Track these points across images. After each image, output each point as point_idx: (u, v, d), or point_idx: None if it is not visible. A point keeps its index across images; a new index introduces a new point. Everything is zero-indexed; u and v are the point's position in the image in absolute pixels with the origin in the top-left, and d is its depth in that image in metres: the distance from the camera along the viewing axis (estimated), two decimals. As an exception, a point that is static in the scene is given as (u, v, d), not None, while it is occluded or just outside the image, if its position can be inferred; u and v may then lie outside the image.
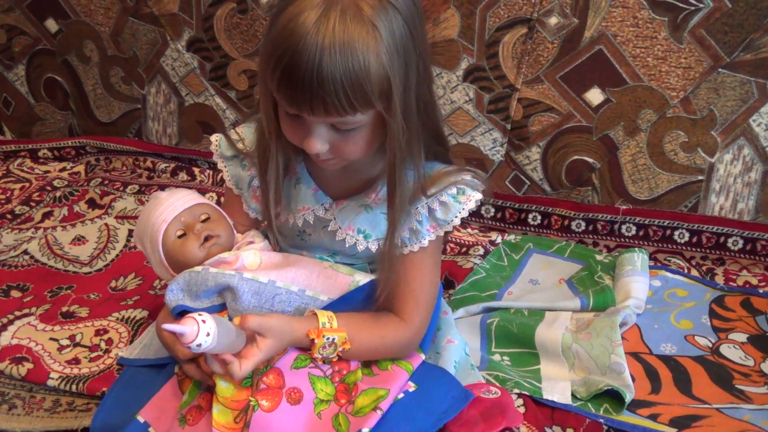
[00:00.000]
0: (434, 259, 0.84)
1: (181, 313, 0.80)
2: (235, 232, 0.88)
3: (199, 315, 0.65)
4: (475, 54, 1.23)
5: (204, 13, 1.38)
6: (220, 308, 0.81)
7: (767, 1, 1.07)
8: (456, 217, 0.80)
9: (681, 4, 1.11)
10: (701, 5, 1.10)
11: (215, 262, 0.83)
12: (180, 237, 0.85)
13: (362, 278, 0.84)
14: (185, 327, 0.64)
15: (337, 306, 0.82)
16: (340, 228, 0.84)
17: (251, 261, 0.84)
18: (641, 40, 1.14)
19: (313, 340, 0.75)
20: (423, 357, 0.85)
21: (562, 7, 1.17)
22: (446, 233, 0.83)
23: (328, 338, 0.76)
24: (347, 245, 0.84)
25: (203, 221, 0.86)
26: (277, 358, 0.77)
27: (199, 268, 0.82)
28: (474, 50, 1.23)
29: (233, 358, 0.71)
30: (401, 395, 0.79)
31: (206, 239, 0.84)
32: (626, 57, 1.16)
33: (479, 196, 0.80)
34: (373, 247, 0.84)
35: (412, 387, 0.81)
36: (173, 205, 0.86)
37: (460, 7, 1.22)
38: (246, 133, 0.87)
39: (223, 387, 0.74)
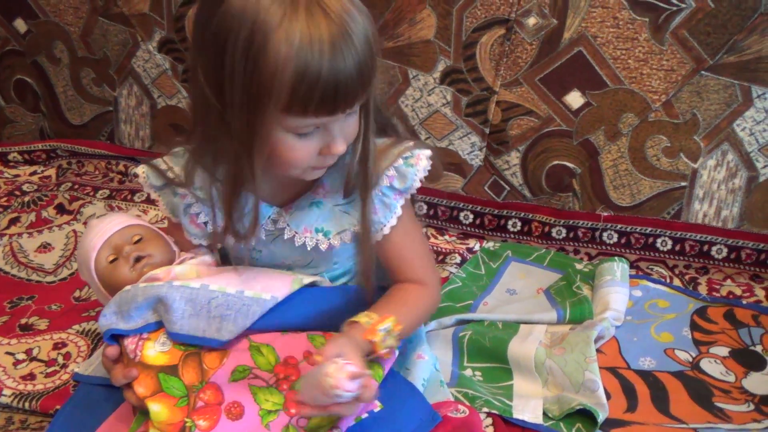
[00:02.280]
0: (413, 222, 0.85)
1: (113, 337, 0.77)
2: (176, 248, 0.85)
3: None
4: (452, 55, 1.20)
5: (175, 13, 1.35)
6: (156, 326, 0.78)
7: (751, 1, 1.03)
8: (415, 179, 0.80)
9: (662, 4, 1.07)
10: (683, 5, 1.06)
11: (147, 279, 0.80)
12: (112, 262, 0.82)
13: (306, 277, 0.81)
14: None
15: (290, 305, 0.78)
16: (296, 233, 0.81)
17: (185, 272, 0.81)
18: (622, 42, 1.11)
19: (371, 340, 0.73)
20: (396, 353, 0.80)
21: (540, 7, 1.13)
22: (413, 198, 0.85)
23: (382, 329, 0.73)
24: (309, 248, 0.81)
25: (135, 242, 0.83)
26: (212, 372, 0.74)
27: (128, 287, 0.78)
28: (451, 52, 1.19)
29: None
30: (365, 415, 0.76)
31: (137, 260, 0.82)
32: (606, 59, 1.12)
33: (428, 152, 0.81)
34: (336, 243, 0.82)
35: (377, 407, 0.78)
36: (102, 230, 0.84)
37: (436, 7, 1.18)
38: (173, 162, 0.84)
39: (155, 411, 0.71)
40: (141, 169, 0.86)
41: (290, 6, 0.65)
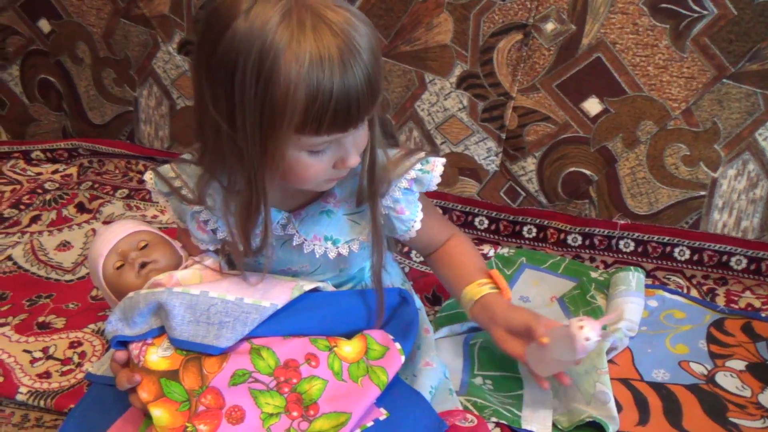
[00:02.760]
0: (424, 197, 0.87)
1: (120, 343, 0.78)
2: (182, 253, 0.86)
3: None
4: (468, 60, 1.19)
5: (195, 15, 1.35)
6: (159, 332, 0.78)
7: (775, 8, 1.01)
8: (431, 183, 0.84)
9: (684, 11, 1.05)
10: (705, 12, 1.05)
11: (150, 284, 0.81)
12: (118, 268, 0.84)
13: (306, 284, 0.81)
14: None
15: (291, 312, 0.79)
16: (306, 240, 0.82)
17: (187, 277, 0.82)
18: (641, 48, 1.09)
19: (509, 292, 0.86)
20: (403, 359, 0.81)
21: (558, 12, 1.12)
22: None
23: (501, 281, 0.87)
24: (317, 255, 0.82)
25: (142, 248, 0.84)
26: (212, 377, 0.74)
27: (132, 294, 0.79)
28: (468, 56, 1.19)
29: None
30: (370, 423, 0.76)
31: (142, 266, 0.83)
32: (626, 65, 1.10)
33: (443, 160, 0.84)
34: (344, 251, 0.83)
35: (383, 414, 0.78)
36: (109, 237, 0.85)
37: (453, 12, 1.17)
38: (181, 170, 0.85)
39: (157, 416, 0.72)
40: (148, 175, 0.87)
41: (297, 26, 0.64)
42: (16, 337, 1.02)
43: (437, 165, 0.83)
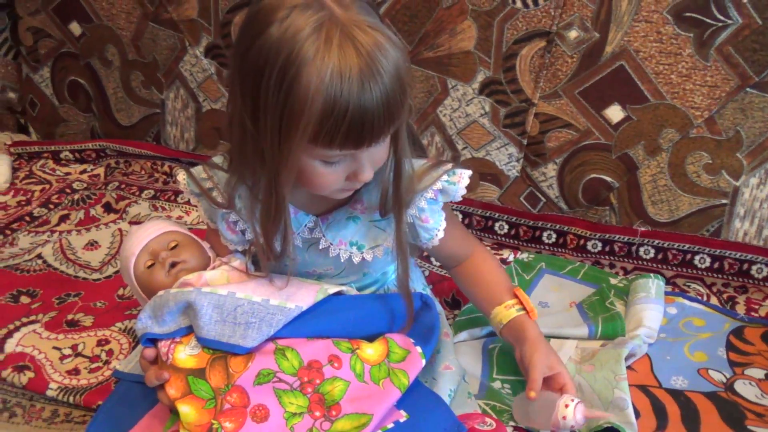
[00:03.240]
0: (448, 209, 0.89)
1: (150, 341, 0.80)
2: (211, 254, 0.88)
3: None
4: (491, 66, 1.20)
5: (222, 20, 1.38)
6: (187, 330, 0.80)
7: (800, 18, 1.01)
8: (457, 195, 0.85)
9: (708, 20, 1.06)
10: (729, 21, 1.05)
11: (180, 284, 0.83)
12: (149, 267, 0.86)
13: (330, 287, 0.82)
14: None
15: (315, 314, 0.80)
16: (332, 244, 0.84)
17: (215, 277, 0.84)
18: (665, 57, 1.09)
19: (535, 312, 0.89)
20: (423, 362, 0.82)
21: (582, 20, 1.13)
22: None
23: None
24: (342, 259, 0.84)
25: (172, 248, 0.86)
26: (238, 376, 0.76)
27: (162, 292, 0.81)
28: (491, 63, 1.20)
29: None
30: (390, 425, 0.77)
31: (172, 266, 0.85)
32: (648, 74, 1.11)
33: (469, 172, 0.85)
34: (369, 257, 0.84)
35: (403, 417, 0.79)
36: (141, 237, 0.87)
37: (477, 19, 1.19)
38: (213, 172, 0.86)
39: (185, 412, 0.74)
40: (181, 176, 0.89)
41: (324, 41, 0.66)
42: (46, 334, 1.04)
43: (464, 177, 0.84)
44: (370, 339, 0.83)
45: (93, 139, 1.58)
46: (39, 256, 1.24)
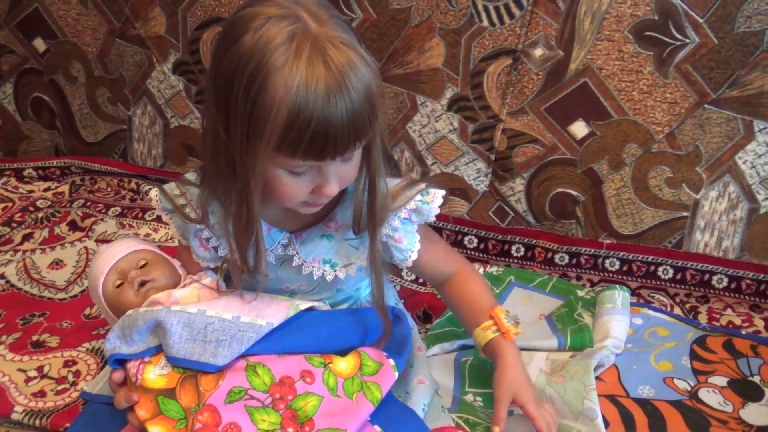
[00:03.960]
0: (426, 228, 0.91)
1: (118, 362, 0.80)
2: (181, 272, 0.88)
3: None
4: (459, 83, 1.22)
5: (190, 36, 1.38)
6: (156, 350, 0.80)
7: (753, 38, 1.05)
8: (430, 214, 0.85)
9: (667, 39, 1.09)
10: (687, 40, 1.09)
11: (149, 303, 0.82)
12: (118, 287, 0.85)
13: (302, 303, 0.82)
14: None
15: (287, 330, 0.80)
16: (305, 261, 0.84)
17: (186, 295, 0.84)
18: (626, 74, 1.13)
19: (512, 338, 0.88)
20: (396, 375, 0.83)
21: (547, 38, 1.15)
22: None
23: (505, 320, 0.89)
24: (315, 277, 0.84)
25: (141, 267, 0.86)
26: (209, 394, 0.75)
27: (130, 312, 0.81)
28: (459, 80, 1.22)
29: None
30: None
31: (141, 284, 0.84)
32: (611, 90, 1.14)
33: (442, 192, 0.86)
34: (341, 275, 0.85)
35: (377, 431, 0.79)
36: (110, 256, 0.87)
37: (445, 37, 1.21)
38: (186, 187, 0.87)
39: None
40: (154, 192, 0.89)
41: (294, 52, 0.67)
42: (10, 356, 1.02)
43: (437, 197, 0.85)
44: (343, 353, 0.84)
45: (57, 156, 1.55)
46: (2, 276, 1.21)
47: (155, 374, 0.78)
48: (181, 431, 0.74)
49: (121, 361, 0.82)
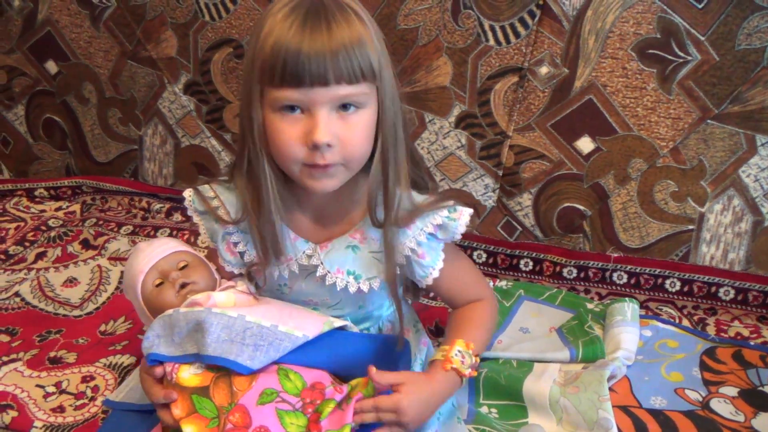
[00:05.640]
0: (455, 251, 0.90)
1: (155, 362, 0.81)
2: (217, 276, 0.89)
3: None
4: (467, 101, 1.25)
5: (201, 57, 1.40)
6: (192, 359, 0.81)
7: (754, 55, 1.08)
8: (456, 232, 0.85)
9: (669, 57, 1.12)
10: (689, 58, 1.11)
11: (188, 304, 0.83)
12: (158, 286, 0.86)
13: (336, 321, 0.84)
14: None
15: (317, 345, 0.82)
16: (329, 272, 0.85)
17: (223, 300, 0.85)
18: (631, 91, 1.15)
19: (452, 368, 0.83)
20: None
21: (552, 57, 1.18)
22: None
23: (456, 354, 0.84)
24: (338, 288, 0.85)
25: (181, 268, 0.87)
26: (241, 394, 0.77)
27: (170, 311, 0.82)
28: (466, 97, 1.25)
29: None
30: None
31: (182, 286, 0.85)
32: (616, 107, 1.17)
33: (470, 210, 0.86)
34: (365, 287, 0.85)
35: None
36: (150, 255, 0.88)
37: (452, 56, 1.23)
38: (219, 191, 0.88)
39: None
40: (187, 193, 0.90)
41: (289, 1, 0.75)
42: (28, 372, 1.03)
43: (464, 214, 0.85)
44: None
45: (68, 176, 1.57)
46: (17, 294, 1.22)
47: (189, 373, 0.80)
48: (212, 430, 0.75)
49: (156, 361, 0.82)
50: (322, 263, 0.85)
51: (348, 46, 0.73)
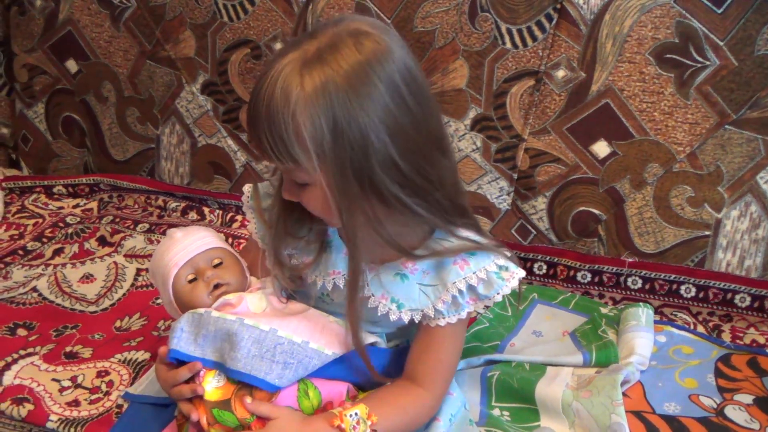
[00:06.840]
0: (463, 328, 0.85)
1: (176, 360, 0.81)
2: (248, 275, 0.88)
3: None
4: (482, 104, 1.25)
5: (219, 58, 1.42)
6: (212, 365, 0.81)
7: (773, 60, 1.08)
8: (498, 293, 0.79)
9: (687, 61, 1.12)
10: (708, 63, 1.11)
11: (219, 305, 0.83)
12: (191, 281, 0.85)
13: (369, 337, 0.84)
14: None
15: (342, 358, 0.82)
16: (372, 296, 0.82)
17: (256, 305, 0.84)
18: (648, 95, 1.15)
19: (339, 425, 0.75)
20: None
21: (569, 60, 1.18)
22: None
23: (351, 415, 0.76)
24: (379, 313, 0.82)
25: (216, 266, 0.86)
26: None
27: (201, 310, 0.82)
28: (482, 100, 1.25)
29: None
30: None
31: (216, 287, 0.85)
32: (633, 111, 1.16)
33: (522, 273, 0.80)
34: (406, 318, 0.82)
35: None
36: (187, 248, 0.86)
37: (468, 58, 1.24)
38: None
39: None
40: (246, 187, 0.90)
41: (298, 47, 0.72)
42: (44, 366, 1.04)
43: (514, 277, 0.80)
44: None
45: (86, 173, 1.59)
46: (34, 289, 1.23)
47: (212, 387, 0.79)
48: None
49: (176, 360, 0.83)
50: (367, 285, 0.82)
51: (281, 120, 0.68)
